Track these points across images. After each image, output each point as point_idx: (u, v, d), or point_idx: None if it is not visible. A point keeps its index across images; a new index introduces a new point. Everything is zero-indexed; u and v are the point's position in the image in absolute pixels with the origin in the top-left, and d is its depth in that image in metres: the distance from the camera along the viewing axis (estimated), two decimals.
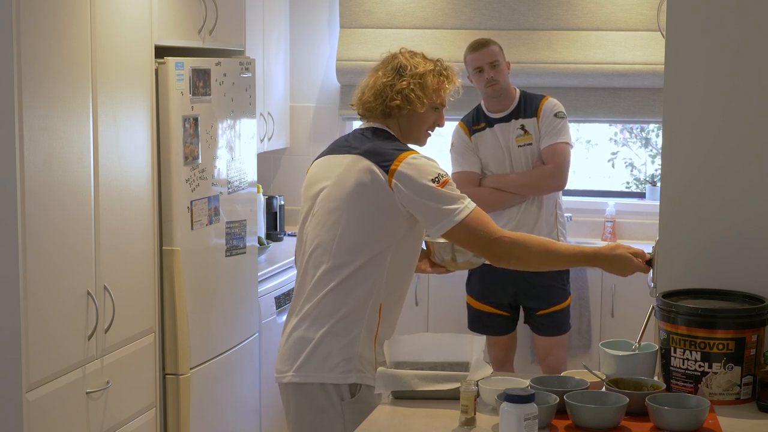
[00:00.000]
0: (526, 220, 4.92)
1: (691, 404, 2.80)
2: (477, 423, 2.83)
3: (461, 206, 3.09)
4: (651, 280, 3.57)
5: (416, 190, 3.07)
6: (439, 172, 3.10)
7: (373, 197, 3.09)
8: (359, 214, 3.10)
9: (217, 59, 4.59)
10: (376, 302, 3.12)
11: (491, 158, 4.96)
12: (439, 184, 3.07)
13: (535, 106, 4.95)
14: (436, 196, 3.07)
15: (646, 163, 6.29)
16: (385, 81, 3.18)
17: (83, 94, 3.71)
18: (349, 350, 3.08)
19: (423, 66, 3.20)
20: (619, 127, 6.30)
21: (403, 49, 3.27)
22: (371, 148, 3.14)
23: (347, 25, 6.06)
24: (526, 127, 4.93)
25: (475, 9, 5.88)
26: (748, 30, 3.21)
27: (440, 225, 3.09)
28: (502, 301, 5.02)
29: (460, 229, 3.09)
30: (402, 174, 3.07)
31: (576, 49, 5.76)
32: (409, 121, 3.22)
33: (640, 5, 5.70)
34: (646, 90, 5.73)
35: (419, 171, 3.08)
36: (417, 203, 3.08)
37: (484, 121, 5.00)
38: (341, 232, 3.11)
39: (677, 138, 3.30)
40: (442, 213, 3.08)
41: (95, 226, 3.79)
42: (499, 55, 4.92)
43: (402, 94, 3.16)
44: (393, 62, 3.22)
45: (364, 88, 3.23)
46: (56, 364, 3.59)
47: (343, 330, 3.09)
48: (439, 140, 5.43)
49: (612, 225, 5.79)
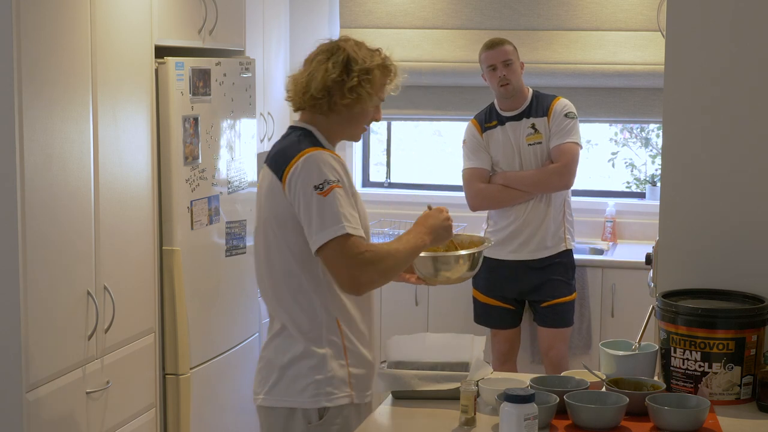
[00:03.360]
0: (534, 217, 4.98)
1: (691, 404, 2.80)
2: (477, 423, 2.83)
3: (336, 224, 2.79)
4: (651, 280, 3.58)
5: (299, 195, 2.83)
6: (327, 177, 2.82)
7: (281, 212, 2.89)
8: (279, 231, 2.91)
9: (217, 59, 4.59)
10: (331, 318, 2.93)
11: (501, 155, 5.03)
12: (321, 192, 2.80)
13: (546, 105, 5.01)
14: (315, 204, 2.81)
15: (646, 163, 6.29)
16: (335, 77, 2.90)
17: (83, 94, 3.71)
18: (318, 372, 2.91)
19: (370, 60, 2.95)
20: (619, 127, 6.30)
21: (346, 39, 3.00)
22: (273, 156, 2.94)
23: (347, 25, 6.06)
24: (536, 126, 4.98)
25: (475, 9, 5.88)
26: (748, 30, 3.21)
27: (313, 240, 2.82)
28: (507, 295, 5.07)
29: (329, 249, 2.80)
30: (290, 178, 2.84)
31: (576, 49, 5.76)
32: (352, 119, 2.98)
33: (640, 5, 5.70)
34: (646, 90, 5.73)
35: (306, 174, 2.82)
36: (299, 210, 2.85)
37: (495, 119, 5.06)
38: (272, 255, 2.94)
39: (677, 138, 3.30)
40: (317, 226, 2.81)
41: (95, 226, 3.79)
42: (512, 55, 4.97)
43: (354, 93, 2.91)
44: (340, 54, 2.93)
45: (309, 81, 2.93)
46: (56, 364, 3.59)
47: (308, 351, 2.92)
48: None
49: (612, 225, 5.79)
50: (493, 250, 5.02)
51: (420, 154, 6.66)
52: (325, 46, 2.99)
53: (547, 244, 4.99)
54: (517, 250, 5.00)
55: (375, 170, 6.44)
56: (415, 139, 6.69)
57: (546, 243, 4.99)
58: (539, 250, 4.99)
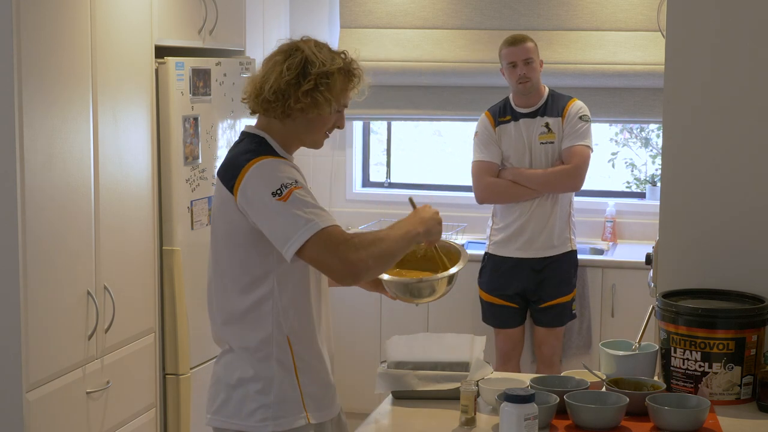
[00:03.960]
0: (540, 215, 5.00)
1: (691, 404, 2.80)
2: (477, 423, 2.83)
3: (307, 224, 2.62)
4: (651, 280, 3.58)
5: (256, 206, 2.66)
6: (283, 181, 2.65)
7: (234, 227, 2.72)
8: (231, 246, 2.74)
9: (217, 59, 4.59)
10: (281, 335, 2.74)
11: (513, 151, 5.04)
12: (280, 197, 2.62)
13: (561, 106, 5.03)
14: (277, 211, 2.63)
15: (646, 163, 6.28)
16: (289, 79, 2.72)
17: (83, 94, 3.71)
18: (266, 395, 2.74)
19: (330, 63, 2.74)
20: (619, 127, 6.30)
21: (307, 39, 2.81)
22: (223, 165, 2.76)
23: (347, 25, 6.06)
24: (550, 126, 5.01)
25: (475, 9, 5.87)
26: (748, 30, 3.21)
27: (288, 246, 2.63)
28: (511, 293, 5.07)
29: (310, 248, 2.62)
30: (243, 190, 2.66)
31: (576, 49, 5.76)
32: (309, 125, 2.77)
33: (640, 5, 5.69)
34: (646, 90, 5.72)
35: (259, 183, 2.65)
36: (261, 223, 2.67)
37: (510, 114, 5.08)
38: (222, 271, 2.79)
39: (677, 138, 3.30)
40: (287, 232, 2.63)
41: (95, 226, 3.79)
42: (533, 53, 4.99)
43: (310, 97, 2.71)
44: (297, 56, 2.74)
45: (263, 83, 2.75)
46: (56, 364, 3.59)
47: (256, 372, 2.75)
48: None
49: (612, 225, 5.79)
50: (499, 247, 5.03)
51: (420, 154, 6.66)
52: (284, 46, 2.80)
53: (554, 243, 5.01)
54: (523, 247, 5.01)
55: (375, 170, 6.44)
56: (415, 139, 6.69)
57: (553, 242, 5.01)
58: (546, 249, 5.01)
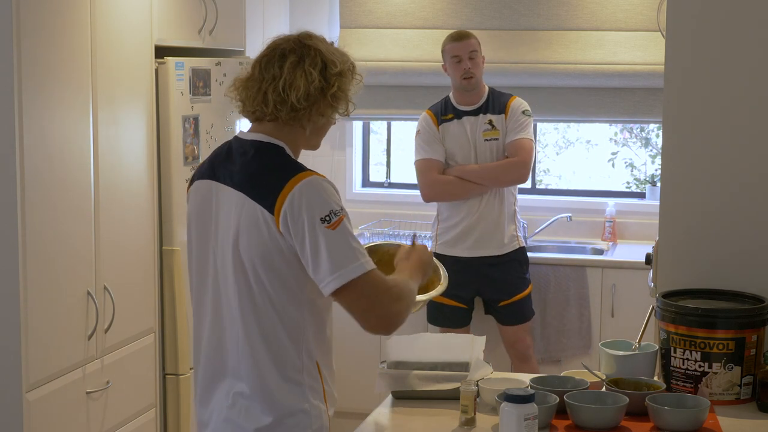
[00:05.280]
0: (488, 212, 5.03)
1: (691, 404, 2.80)
2: (477, 423, 2.83)
3: (355, 262, 2.39)
4: (651, 280, 3.57)
5: (301, 230, 2.39)
6: (332, 207, 2.40)
7: (268, 249, 2.43)
8: (264, 271, 2.44)
9: (217, 59, 4.59)
10: (311, 362, 2.51)
11: (457, 149, 5.07)
12: (329, 225, 2.38)
13: (503, 103, 5.08)
14: (325, 240, 2.38)
15: (646, 163, 6.28)
16: (317, 84, 2.46)
17: (83, 94, 3.71)
18: (307, 429, 2.49)
19: (342, 62, 2.53)
20: (619, 127, 6.30)
21: (310, 35, 2.55)
22: (252, 180, 2.47)
23: (347, 25, 6.06)
24: (493, 123, 5.06)
25: (475, 9, 5.88)
26: (748, 30, 3.21)
27: (328, 281, 2.39)
28: (462, 294, 5.07)
29: (352, 290, 2.40)
30: (288, 210, 2.39)
31: (576, 49, 5.76)
32: (321, 128, 2.57)
33: (640, 5, 5.69)
34: (646, 90, 5.72)
35: (308, 204, 2.39)
36: (302, 248, 2.40)
37: (452, 113, 5.11)
38: (253, 302, 2.47)
39: (677, 138, 3.30)
40: (331, 265, 2.38)
41: (95, 226, 3.79)
42: (477, 48, 5.04)
43: (336, 100, 2.51)
44: (315, 57, 2.50)
45: (286, 89, 2.47)
46: (56, 364, 3.59)
47: (290, 407, 2.48)
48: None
49: (612, 225, 5.79)
50: (448, 247, 5.05)
51: None
52: (286, 44, 2.52)
53: (505, 241, 5.03)
54: (474, 246, 5.02)
55: (375, 170, 6.44)
56: None
57: (503, 239, 5.03)
58: (497, 247, 5.03)
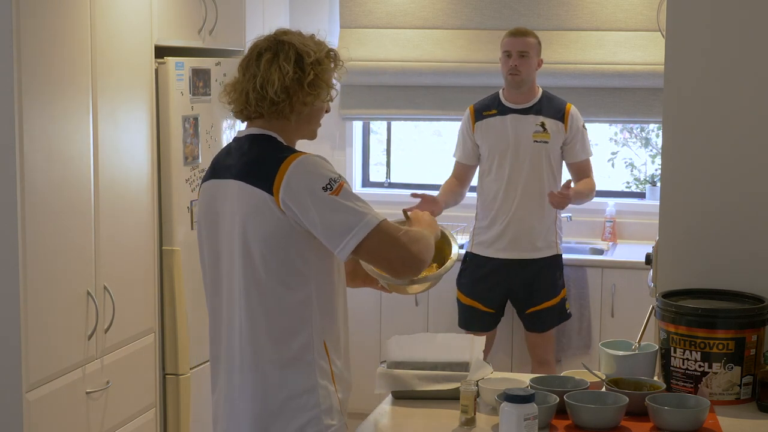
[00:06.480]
0: (526, 215, 4.96)
1: (691, 404, 2.80)
2: (477, 423, 2.83)
3: (365, 217, 2.55)
4: (651, 280, 3.58)
5: (306, 202, 2.54)
6: (330, 176, 2.55)
7: (272, 230, 2.58)
8: (268, 253, 2.59)
9: (217, 59, 4.59)
10: (319, 341, 2.63)
11: (494, 144, 5.02)
12: (332, 191, 2.53)
13: (559, 109, 5.02)
14: (331, 206, 2.54)
15: (646, 163, 6.28)
16: (292, 75, 2.62)
17: (83, 94, 3.71)
18: (313, 408, 2.60)
19: (318, 50, 2.69)
20: (619, 127, 6.30)
21: (285, 31, 2.71)
22: (245, 168, 2.62)
23: (347, 25, 6.06)
24: (546, 126, 4.99)
25: (475, 9, 5.88)
26: (748, 30, 3.21)
27: (345, 242, 2.54)
28: (491, 298, 5.03)
29: (370, 243, 2.55)
30: (286, 187, 2.54)
31: (576, 49, 5.76)
32: (310, 116, 2.70)
33: (640, 5, 5.69)
34: (646, 90, 5.72)
35: (307, 178, 2.55)
36: (310, 219, 2.55)
37: (496, 108, 5.06)
38: (258, 284, 2.61)
39: (677, 138, 3.30)
40: (345, 227, 2.54)
41: (95, 226, 3.79)
42: (531, 48, 4.97)
43: (314, 87, 2.65)
44: (288, 50, 2.64)
45: (263, 85, 2.62)
46: (56, 364, 3.59)
47: (299, 385, 2.61)
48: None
49: (612, 225, 5.79)
50: (483, 247, 5.01)
51: (420, 154, 6.66)
52: (263, 43, 2.68)
53: (538, 245, 4.96)
54: (507, 248, 4.97)
55: (375, 170, 6.44)
56: (415, 139, 6.69)
57: (537, 244, 4.96)
58: (531, 251, 4.96)
